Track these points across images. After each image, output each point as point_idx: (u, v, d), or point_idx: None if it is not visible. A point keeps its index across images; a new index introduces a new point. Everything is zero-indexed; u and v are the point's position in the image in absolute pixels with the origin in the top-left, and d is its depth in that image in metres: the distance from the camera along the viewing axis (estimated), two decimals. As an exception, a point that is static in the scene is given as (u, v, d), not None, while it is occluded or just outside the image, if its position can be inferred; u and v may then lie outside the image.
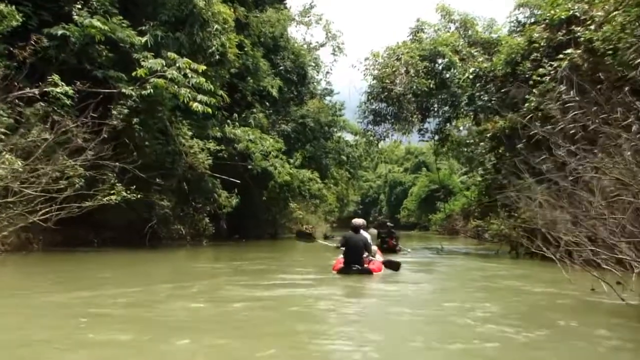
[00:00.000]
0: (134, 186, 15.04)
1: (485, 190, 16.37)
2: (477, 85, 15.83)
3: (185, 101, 16.23)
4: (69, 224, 16.44)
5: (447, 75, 17.17)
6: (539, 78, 13.99)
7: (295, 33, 30.75)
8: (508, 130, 14.20)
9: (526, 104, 13.96)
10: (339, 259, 11.20)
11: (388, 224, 19.33)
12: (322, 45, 32.55)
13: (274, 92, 25.44)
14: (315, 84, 32.27)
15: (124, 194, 14.33)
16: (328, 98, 32.31)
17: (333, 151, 30.03)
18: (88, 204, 13.57)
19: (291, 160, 25.36)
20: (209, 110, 16.13)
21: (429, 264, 15.19)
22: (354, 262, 10.57)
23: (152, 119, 16.81)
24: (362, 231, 11.17)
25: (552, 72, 13.67)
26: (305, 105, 29.24)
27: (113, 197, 13.93)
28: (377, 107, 17.76)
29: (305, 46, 32.10)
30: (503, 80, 15.45)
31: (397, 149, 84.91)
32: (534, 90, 14.00)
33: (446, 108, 19.54)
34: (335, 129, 30.96)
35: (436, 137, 19.86)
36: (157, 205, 19.79)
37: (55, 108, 13.70)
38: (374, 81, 16.92)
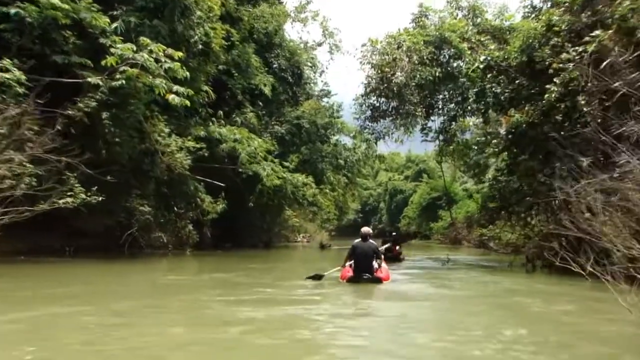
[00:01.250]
0: (97, 187, 13.16)
1: (499, 194, 14.36)
2: (489, 76, 13.89)
3: (162, 93, 14.32)
4: (37, 231, 14.78)
5: (455, 65, 15.23)
6: (560, 65, 12.06)
7: (291, 30, 28.33)
8: (525, 125, 12.24)
9: (546, 95, 12.02)
10: (346, 268, 10.91)
11: (393, 233, 19.25)
12: (320, 44, 30.65)
13: (267, 91, 23.54)
14: (311, 84, 30.35)
15: (83, 196, 12.35)
16: (325, 99, 30.40)
17: (330, 155, 27.99)
18: (41, 207, 11.61)
19: (285, 164, 23.38)
20: (187, 102, 14.20)
21: (438, 277, 13.38)
22: (363, 271, 10.37)
23: (124, 113, 14.90)
24: (370, 239, 10.90)
25: (576, 57, 11.75)
26: (301, 107, 27.29)
27: (69, 200, 11.93)
28: (375, 102, 15.82)
29: (302, 45, 30.21)
30: (518, 70, 13.54)
31: (397, 156, 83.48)
32: (554, 80, 12.06)
33: (452, 105, 17.62)
34: (332, 131, 28.97)
35: (440, 137, 17.90)
36: (137, 210, 18.09)
37: (5, 97, 11.76)
38: (372, 70, 15.00)
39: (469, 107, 17.40)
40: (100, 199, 12.77)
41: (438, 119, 17.73)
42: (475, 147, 17.92)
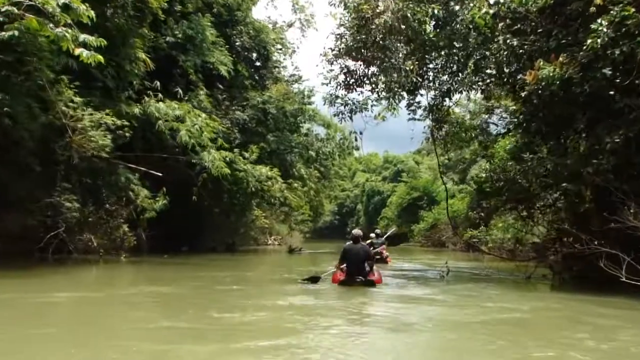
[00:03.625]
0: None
1: (511, 183, 10.45)
2: (500, 25, 10.17)
3: (70, 48, 10.33)
4: None
5: (456, 9, 11.32)
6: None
7: (257, 11, 24.01)
8: (559, 84, 8.49)
9: (589, 40, 8.34)
10: (338, 272, 10.36)
11: (379, 236, 18.41)
12: (290, 25, 26.58)
13: (224, 71, 19.56)
14: (280, 68, 26.32)
15: None
16: (296, 86, 26.38)
17: (300, 145, 23.99)
18: None
19: (246, 154, 19.44)
20: (100, 58, 10.19)
21: (440, 292, 9.84)
22: (356, 274, 9.85)
23: (18, 75, 10.93)
24: (361, 242, 10.49)
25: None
26: (268, 91, 23.32)
27: None
28: (351, 64, 11.90)
29: (270, 26, 26.14)
30: (541, 15, 9.83)
31: (375, 157, 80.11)
32: (600, 21, 8.39)
33: (444, 77, 13.92)
34: (302, 119, 24.95)
35: (431, 116, 14.08)
36: (64, 207, 14.39)
37: None
38: (346, 15, 11.10)
39: (466, 80, 13.75)
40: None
41: (428, 94, 13.94)
42: (487, 115, 14.06)
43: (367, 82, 12.14)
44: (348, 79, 12.16)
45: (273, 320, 6.48)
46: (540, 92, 8.79)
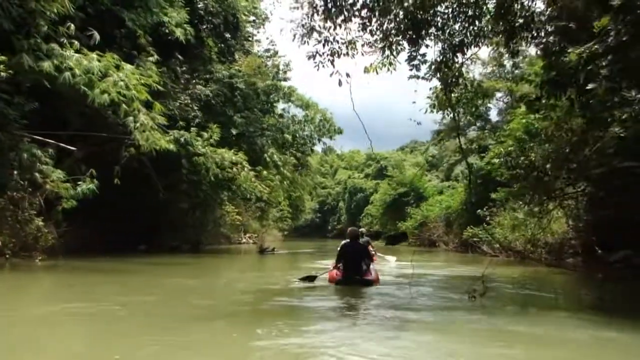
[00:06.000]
0: None
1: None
2: None
3: None
4: None
5: None
6: None
7: None
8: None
9: None
10: (334, 270, 9.68)
11: (365, 234, 15.96)
12: (265, -8, 22.78)
13: (179, 34, 15.66)
14: (253, 41, 22.40)
15: None
16: (271, 63, 22.44)
17: (273, 128, 20.12)
18: None
19: (205, 135, 15.58)
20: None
21: (483, 320, 6.01)
22: (353, 272, 9.19)
23: None
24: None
25: None
26: (236, 64, 19.40)
27: None
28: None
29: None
30: None
31: (357, 154, 76.71)
32: None
33: (456, 27, 10.25)
34: (276, 97, 21.06)
35: (438, 75, 10.31)
36: None
37: None
38: None
39: (484, 30, 10.22)
40: None
41: (435, 46, 10.21)
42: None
43: (357, 14, 8.34)
44: (329, 3, 8.30)
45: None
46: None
